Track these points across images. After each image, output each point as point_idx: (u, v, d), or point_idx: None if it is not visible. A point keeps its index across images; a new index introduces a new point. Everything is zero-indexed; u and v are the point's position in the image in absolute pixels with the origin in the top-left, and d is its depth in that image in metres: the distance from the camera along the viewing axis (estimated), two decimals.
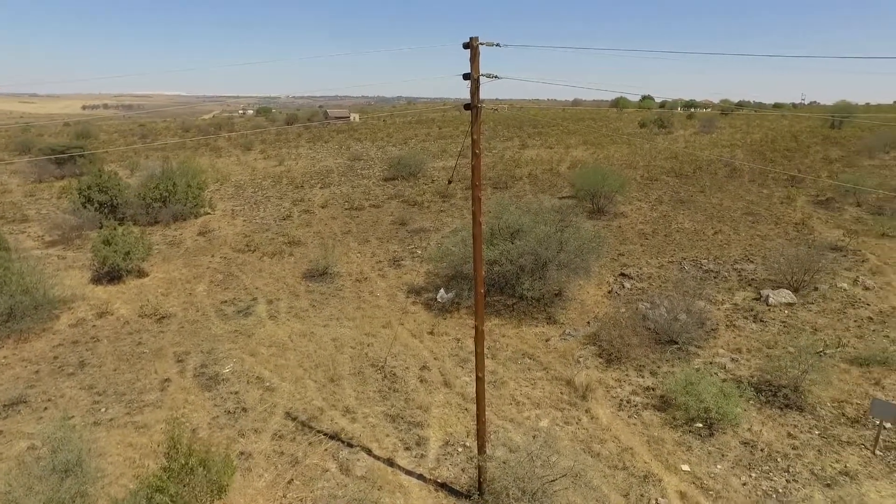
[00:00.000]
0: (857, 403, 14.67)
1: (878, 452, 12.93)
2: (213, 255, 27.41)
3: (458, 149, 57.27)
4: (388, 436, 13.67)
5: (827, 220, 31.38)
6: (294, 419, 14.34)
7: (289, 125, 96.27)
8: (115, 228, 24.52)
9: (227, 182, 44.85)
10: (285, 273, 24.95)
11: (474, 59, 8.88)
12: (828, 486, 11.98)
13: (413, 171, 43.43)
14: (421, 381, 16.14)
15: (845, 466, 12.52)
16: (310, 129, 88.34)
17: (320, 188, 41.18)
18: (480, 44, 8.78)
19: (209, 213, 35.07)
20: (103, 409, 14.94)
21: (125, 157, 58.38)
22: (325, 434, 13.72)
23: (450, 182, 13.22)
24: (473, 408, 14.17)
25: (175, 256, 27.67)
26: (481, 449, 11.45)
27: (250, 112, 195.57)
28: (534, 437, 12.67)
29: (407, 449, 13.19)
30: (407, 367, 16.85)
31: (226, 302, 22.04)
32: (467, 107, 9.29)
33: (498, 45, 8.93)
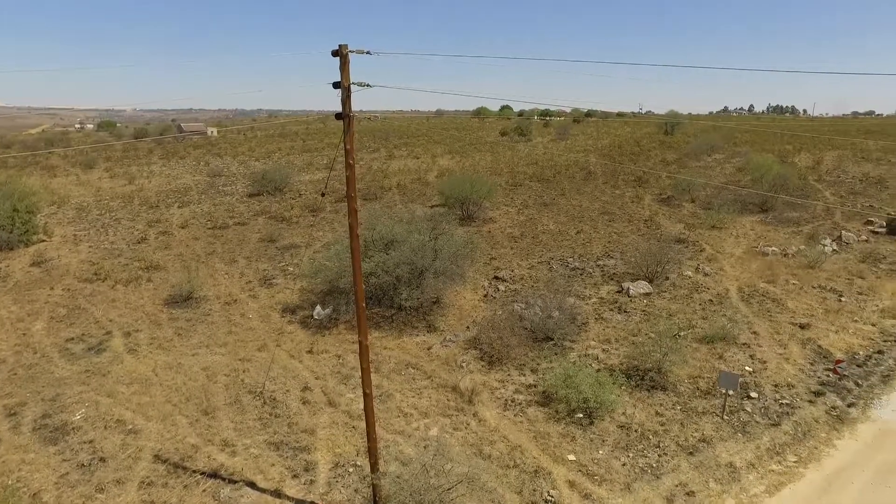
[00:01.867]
0: (707, 377, 16.36)
1: (725, 417, 14.52)
2: (52, 288, 24.22)
3: (325, 161, 56.19)
4: (273, 465, 12.86)
5: (670, 216, 34.91)
6: (165, 462, 13.00)
7: (138, 140, 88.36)
8: None
9: (66, 204, 40.03)
10: (144, 301, 22.72)
11: (344, 67, 8.65)
12: (691, 454, 13.22)
13: (279, 186, 41.81)
14: (304, 402, 15.42)
15: (703, 434, 13.90)
16: (163, 144, 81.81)
17: (179, 207, 38.18)
18: (350, 52, 8.58)
19: (44, 241, 31.00)
20: None
21: None
22: (202, 473, 12.59)
23: (323, 194, 12.86)
24: (361, 425, 13.79)
25: (0, 293, 24.08)
26: (374, 466, 11.15)
27: (90, 126, 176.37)
28: (425, 447, 12.59)
29: (295, 477, 12.50)
30: (288, 390, 16.03)
31: (72, 339, 19.54)
32: (339, 116, 9.03)
33: (368, 52, 8.79)
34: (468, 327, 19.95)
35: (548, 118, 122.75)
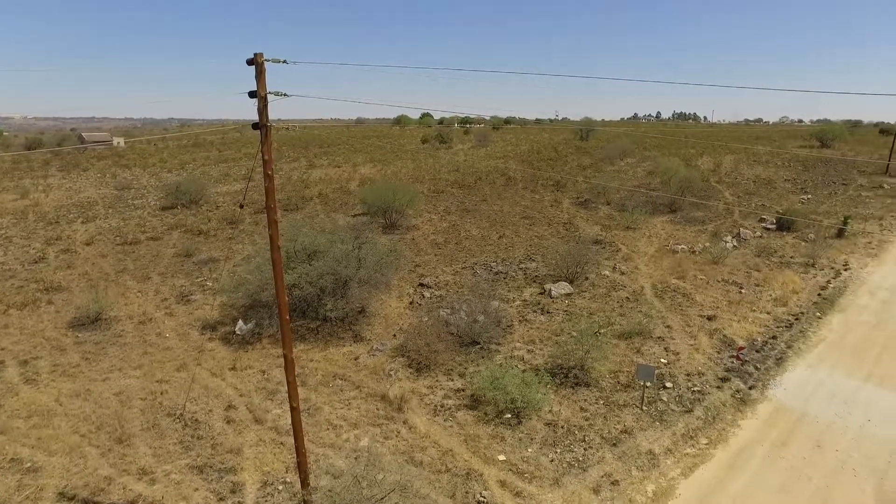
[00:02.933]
0: (626, 371, 17.16)
1: (644, 408, 15.29)
2: None
3: (243, 172, 54.41)
4: (196, 490, 12.26)
5: (587, 219, 36.38)
6: (71, 499, 12.08)
7: (31, 151, 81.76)
8: None
9: None
10: (44, 326, 21.04)
11: (260, 76, 8.45)
12: (614, 445, 13.82)
13: (194, 198, 40.02)
14: (228, 422, 14.82)
15: (624, 425, 14.56)
16: (61, 155, 76.20)
17: (82, 223, 35.67)
18: (266, 60, 8.39)
19: None
20: None
21: None
22: None
23: (241, 206, 12.43)
24: (289, 441, 13.45)
25: None
26: (304, 482, 10.89)
27: None
28: (356, 458, 12.44)
29: (221, 500, 11.97)
30: (210, 410, 15.34)
31: None
32: (256, 126, 8.81)
33: (285, 62, 8.63)
34: (395, 335, 19.90)
35: (468, 125, 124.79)
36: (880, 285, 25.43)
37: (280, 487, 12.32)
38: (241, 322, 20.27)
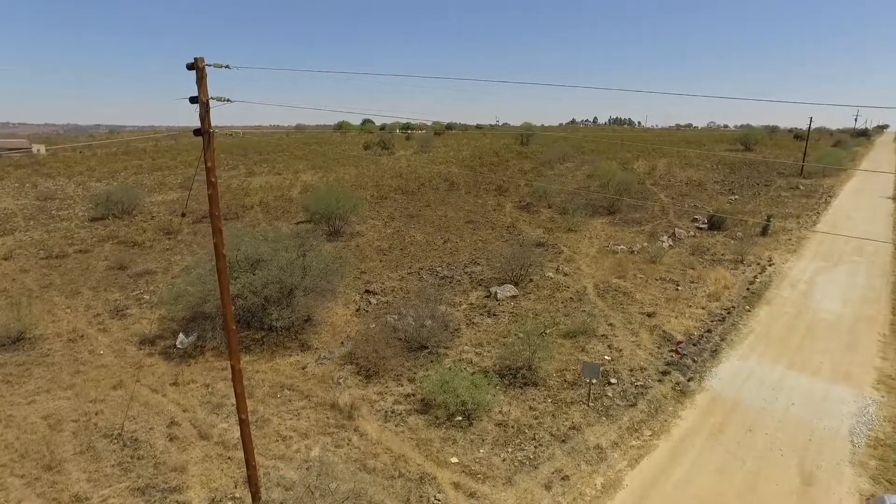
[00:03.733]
0: (572, 369, 17.58)
1: (590, 404, 15.72)
2: None
3: (179, 180, 52.48)
4: None
5: (530, 222, 37.09)
6: None
7: None
8: None
9: None
10: None
11: (201, 81, 8.20)
12: (563, 441, 14.13)
13: (127, 208, 38.27)
14: (171, 439, 14.21)
15: (573, 422, 14.91)
16: None
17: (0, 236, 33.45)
18: (207, 65, 8.15)
19: None
20: None
21: None
22: None
23: (183, 215, 11.92)
24: (238, 455, 13.09)
25: None
26: (255, 496, 10.60)
27: None
28: (308, 468, 12.22)
29: None
30: (151, 428, 14.67)
31: None
32: (197, 132, 8.54)
33: (227, 66, 8.40)
34: (343, 343, 19.66)
35: (410, 131, 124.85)
36: (800, 278, 27.15)
37: (229, 503, 11.92)
38: (182, 335, 19.51)
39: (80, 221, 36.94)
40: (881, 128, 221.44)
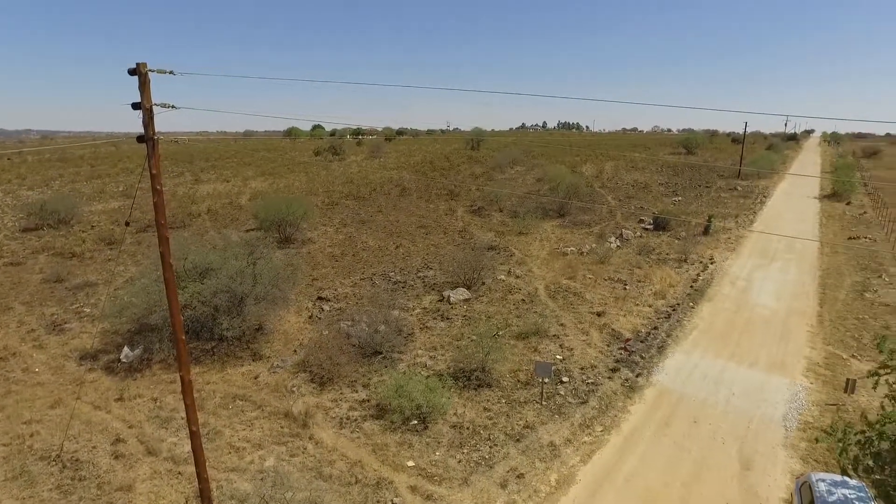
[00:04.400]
0: (525, 369, 17.90)
1: (543, 403, 16.05)
2: None
3: (121, 188, 50.64)
4: None
5: (481, 226, 37.51)
6: None
7: None
8: None
9: None
10: None
11: (144, 87, 8.02)
12: (518, 440, 14.37)
13: (64, 218, 36.60)
14: (116, 457, 13.70)
15: (526, 421, 15.19)
16: None
17: None
18: (150, 70, 7.98)
19: None
20: None
21: None
22: None
23: (127, 224, 11.44)
24: (188, 469, 12.76)
25: None
26: None
27: None
28: (262, 479, 12.03)
29: None
30: (94, 447, 14.11)
31: None
32: (140, 139, 8.35)
33: (171, 72, 8.25)
34: (295, 351, 19.41)
35: (360, 137, 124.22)
36: (738, 276, 28.49)
37: None
38: (126, 349, 18.84)
39: (9, 232, 35.12)
40: (808, 132, 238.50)
